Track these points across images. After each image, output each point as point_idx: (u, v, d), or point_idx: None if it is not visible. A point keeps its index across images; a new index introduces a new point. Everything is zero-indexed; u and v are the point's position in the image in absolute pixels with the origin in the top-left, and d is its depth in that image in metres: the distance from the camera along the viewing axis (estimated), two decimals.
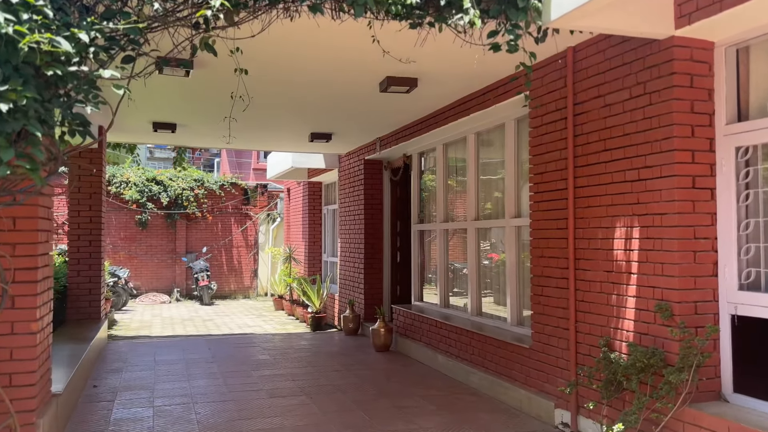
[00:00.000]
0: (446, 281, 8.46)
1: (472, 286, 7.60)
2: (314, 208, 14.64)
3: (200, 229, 19.31)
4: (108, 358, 8.55)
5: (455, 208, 8.32)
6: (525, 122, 6.60)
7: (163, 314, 14.95)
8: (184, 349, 9.20)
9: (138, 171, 19.04)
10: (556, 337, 5.50)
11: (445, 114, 7.58)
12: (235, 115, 6.87)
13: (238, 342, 10.02)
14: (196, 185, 19.06)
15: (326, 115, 8.13)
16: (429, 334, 8.10)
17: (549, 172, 5.61)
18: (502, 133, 7.05)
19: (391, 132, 9.38)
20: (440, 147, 8.54)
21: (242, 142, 10.61)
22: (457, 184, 8.34)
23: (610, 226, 4.84)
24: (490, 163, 7.51)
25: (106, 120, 8.84)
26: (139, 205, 18.44)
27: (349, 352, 9.02)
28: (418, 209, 9.45)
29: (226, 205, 19.44)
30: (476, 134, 7.65)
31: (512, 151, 6.80)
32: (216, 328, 12.46)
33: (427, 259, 9.32)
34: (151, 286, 18.80)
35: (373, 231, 10.61)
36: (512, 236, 6.77)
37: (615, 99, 4.80)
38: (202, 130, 9.20)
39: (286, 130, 9.24)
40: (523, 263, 6.69)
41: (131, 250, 18.63)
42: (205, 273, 17.58)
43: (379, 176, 10.74)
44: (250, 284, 19.68)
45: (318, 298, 11.87)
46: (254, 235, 19.73)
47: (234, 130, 9.44)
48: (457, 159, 8.29)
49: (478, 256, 7.63)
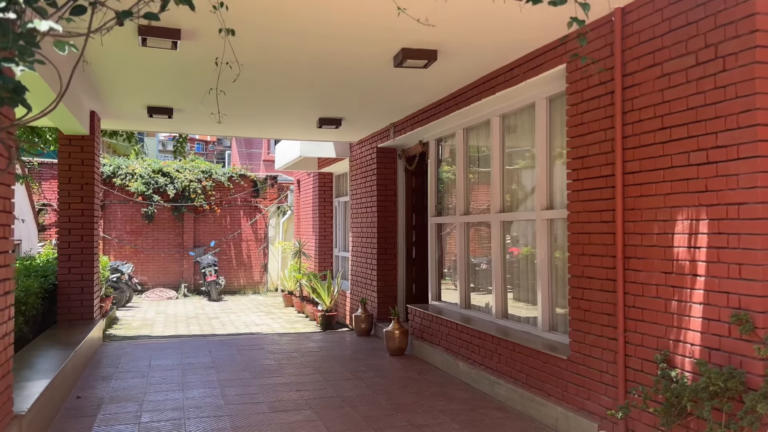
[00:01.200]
0: (467, 279, 7.70)
1: (497, 286, 6.84)
2: (325, 200, 13.92)
3: (208, 223, 18.69)
4: (100, 362, 7.89)
5: (477, 199, 7.55)
6: (559, 101, 5.82)
7: (167, 311, 14.33)
8: (183, 353, 8.52)
9: (144, 162, 18.43)
10: (599, 347, 4.73)
11: (467, 94, 6.80)
12: (226, 87, 6.12)
13: (242, 344, 9.33)
14: (204, 177, 18.42)
15: (335, 96, 7.38)
16: (449, 339, 7.35)
17: (591, 156, 4.82)
18: (532, 114, 6.27)
19: (406, 116, 8.61)
20: (460, 132, 7.76)
21: (246, 129, 9.90)
22: (479, 173, 7.57)
23: (669, 218, 4.06)
24: (517, 149, 6.73)
25: (98, 105, 8.15)
26: (145, 198, 17.85)
27: (360, 356, 8.30)
28: (436, 201, 8.68)
29: (234, 197, 18.80)
30: (501, 117, 6.86)
31: (543, 134, 6.01)
32: (221, 327, 11.80)
33: (445, 254, 8.57)
34: (157, 281, 18.22)
35: (387, 224, 9.87)
36: (544, 230, 5.99)
37: (676, 66, 4.00)
38: (200, 115, 8.49)
39: (292, 114, 8.51)
40: (556, 261, 5.92)
41: (137, 244, 18.05)
42: (213, 268, 16.95)
43: (393, 165, 9.98)
44: (259, 279, 19.04)
45: (328, 296, 11.16)
46: (264, 228, 19.07)
47: (237, 117, 8.74)
48: (480, 145, 7.51)
49: (503, 251, 6.86)
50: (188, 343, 9.47)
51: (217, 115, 6.19)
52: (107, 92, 7.39)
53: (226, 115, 6.29)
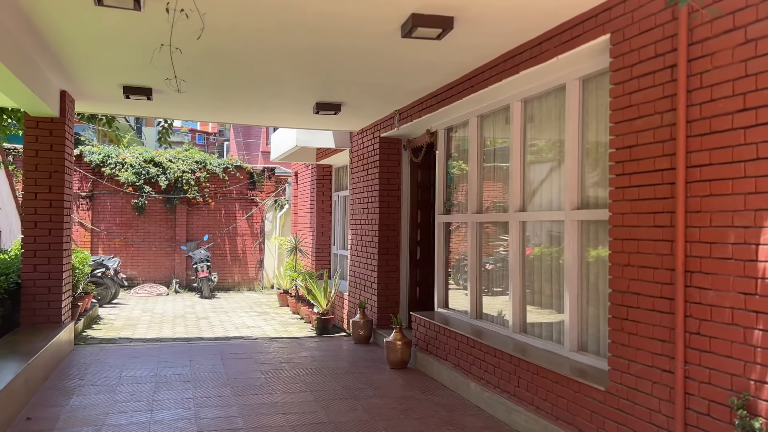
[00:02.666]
0: (478, 286, 6.83)
1: (515, 296, 5.96)
2: (323, 195, 13.04)
3: (202, 216, 17.83)
4: (66, 372, 7.03)
5: (492, 196, 6.67)
6: (595, 82, 4.94)
7: (155, 309, 13.49)
8: (160, 361, 7.66)
9: (135, 151, 17.55)
10: (649, 380, 3.86)
11: (485, 75, 5.91)
12: (211, 64, 5.23)
13: (228, 351, 8.47)
14: (198, 168, 17.56)
15: (333, 75, 6.49)
16: (458, 354, 6.48)
17: (643, 146, 3.93)
18: (561, 98, 5.38)
19: (413, 102, 7.72)
20: (474, 120, 6.88)
21: (237, 114, 9.01)
22: (494, 166, 6.68)
23: (750, 224, 3.18)
24: (540, 140, 5.84)
25: (68, 84, 7.27)
26: (135, 189, 17.00)
27: (358, 368, 7.43)
28: (444, 197, 7.80)
29: (230, 189, 17.93)
30: (523, 102, 5.98)
31: (575, 122, 5.13)
32: (209, 328, 10.95)
33: (454, 256, 7.69)
34: (148, 276, 17.38)
35: (390, 222, 8.99)
36: (573, 233, 5.11)
37: (765, 30, 3.12)
38: (182, 97, 7.60)
39: (286, 98, 7.62)
40: (588, 269, 5.04)
41: (127, 237, 17.21)
42: (206, 263, 16.10)
43: (397, 157, 9.09)
44: (255, 276, 18.19)
45: (325, 298, 10.29)
46: (260, 222, 18.21)
47: (226, 101, 7.87)
48: (496, 135, 6.62)
49: (521, 256, 5.98)
50: (169, 349, 8.61)
51: (174, 81, 5.24)
52: (75, 68, 6.51)
53: (185, 81, 5.36)
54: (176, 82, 5.25)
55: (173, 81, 5.27)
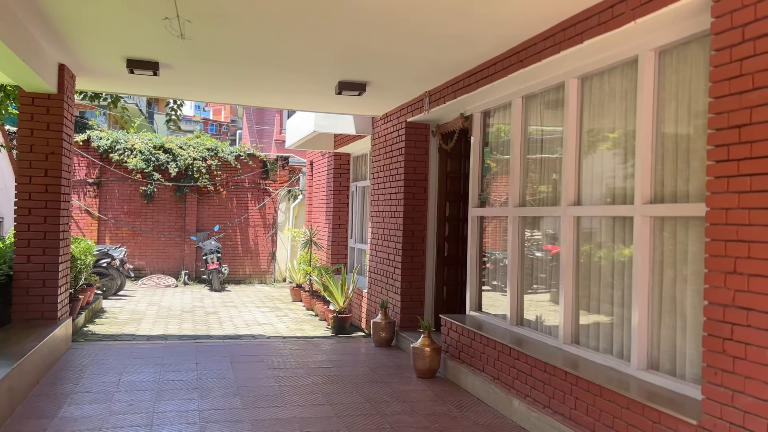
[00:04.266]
0: (520, 288, 6.07)
1: (566, 301, 5.21)
2: (340, 185, 12.30)
3: (213, 205, 17.15)
4: (60, 375, 6.36)
5: (539, 187, 5.90)
6: (675, 54, 4.16)
7: (162, 302, 12.83)
8: (164, 364, 6.97)
9: (144, 137, 16.88)
10: (761, 417, 3.10)
11: (537, 46, 5.14)
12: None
13: (238, 353, 7.78)
14: (210, 155, 16.86)
15: (359, 44, 5.74)
16: (497, 366, 5.73)
17: (758, 125, 3.16)
18: (629, 74, 4.61)
19: (446, 82, 6.95)
20: (518, 101, 6.10)
21: (252, 95, 8.27)
22: (543, 153, 5.91)
23: None
24: (602, 122, 5.06)
25: (67, 56, 6.57)
26: (144, 176, 16.33)
27: (381, 376, 6.70)
28: (480, 188, 7.04)
29: (242, 178, 17.24)
30: (580, 79, 5.20)
31: (650, 101, 4.35)
32: (218, 325, 10.27)
33: (489, 254, 6.93)
34: (156, 266, 16.74)
35: (415, 215, 8.24)
36: (646, 231, 4.34)
37: None
38: (194, 73, 6.88)
39: (306, 75, 6.88)
40: (662, 273, 4.28)
41: (135, 226, 16.57)
42: (216, 255, 15.42)
43: (425, 144, 8.33)
44: (267, 268, 17.51)
45: (342, 295, 9.58)
46: (273, 213, 17.51)
47: (243, 79, 7.14)
48: (545, 117, 5.85)
49: (575, 257, 5.22)
50: (175, 348, 7.93)
51: (176, 22, 4.40)
52: (74, 37, 5.79)
53: (189, 22, 4.55)
54: (178, 22, 4.45)
55: (174, 22, 4.46)
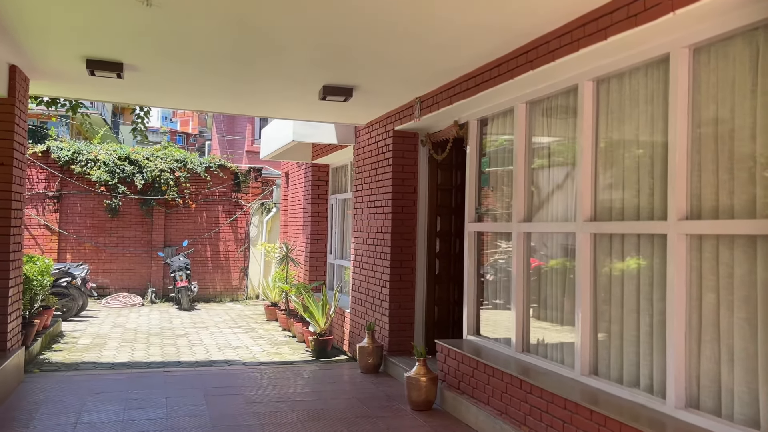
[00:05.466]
0: (526, 311, 5.53)
1: (584, 328, 4.68)
2: (319, 197, 11.68)
3: (181, 219, 16.35)
4: (7, 416, 5.59)
5: (547, 201, 5.38)
6: (713, 51, 3.68)
7: (128, 323, 12.01)
8: (129, 399, 6.25)
9: (108, 148, 16.03)
10: None
11: (551, 45, 4.63)
12: (200, 40, 3.88)
13: (213, 383, 7.08)
14: (178, 167, 16.08)
15: (347, 44, 5.17)
16: (505, 399, 5.17)
17: None
18: (654, 74, 4.13)
19: (439, 87, 6.42)
20: (521, 107, 5.59)
21: (228, 102, 7.61)
22: (551, 164, 5.39)
23: None
24: (622, 129, 4.56)
25: (18, 57, 5.87)
26: (108, 188, 15.48)
27: (372, 410, 6.08)
28: (477, 202, 6.50)
29: (212, 191, 16.48)
30: (596, 81, 4.71)
31: (684, 103, 3.87)
32: (189, 349, 9.54)
33: (487, 273, 6.39)
34: (121, 284, 15.85)
35: (404, 230, 7.66)
36: (681, 251, 3.84)
37: None
38: (163, 76, 6.23)
39: (288, 79, 6.27)
40: (700, 298, 3.78)
41: (99, 241, 15.68)
42: (185, 272, 14.62)
43: (414, 154, 7.78)
44: (239, 285, 16.74)
45: (323, 316, 8.93)
46: (245, 227, 16.78)
47: (215, 83, 6.52)
48: (553, 124, 5.34)
49: (592, 278, 4.70)
50: (141, 379, 7.19)
51: None
52: (24, 33, 5.11)
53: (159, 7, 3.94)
54: None
55: None
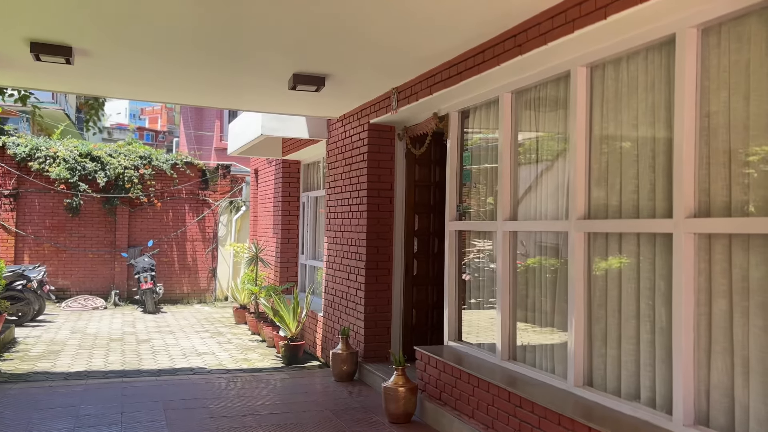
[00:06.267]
0: (512, 316, 5.15)
1: (577, 335, 4.31)
2: (290, 195, 11.18)
3: (146, 218, 15.71)
4: None
5: (536, 197, 5.00)
6: (725, 31, 3.32)
7: (88, 329, 11.38)
8: (81, 415, 5.72)
9: (69, 144, 15.30)
10: None
11: (541, 27, 4.24)
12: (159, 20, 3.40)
13: (174, 395, 6.58)
14: (142, 164, 15.43)
15: (320, 23, 4.73)
16: (491, 412, 4.78)
17: None
18: (657, 59, 3.78)
19: (419, 76, 6.00)
20: (507, 97, 5.21)
21: (193, 93, 7.08)
22: (538, 157, 5.01)
23: None
24: (618, 118, 4.19)
25: None
26: (69, 186, 14.76)
27: (347, 424, 5.64)
28: (458, 199, 6.11)
29: (179, 189, 15.86)
30: (590, 67, 4.34)
31: (692, 89, 3.51)
32: (151, 356, 8.99)
33: (470, 274, 6.00)
34: (82, 287, 15.15)
35: (380, 229, 7.24)
36: (689, 251, 3.48)
37: None
38: (118, 64, 5.70)
39: (256, 67, 5.79)
40: (709, 305, 3.42)
41: (59, 242, 14.96)
42: (150, 273, 13.99)
43: (390, 149, 7.36)
44: (207, 286, 16.15)
45: (294, 320, 8.47)
46: (213, 226, 16.19)
47: (177, 71, 6.01)
48: (541, 115, 4.96)
49: (587, 280, 4.33)
50: (97, 391, 6.65)
51: None
52: None
53: None
54: None
55: None
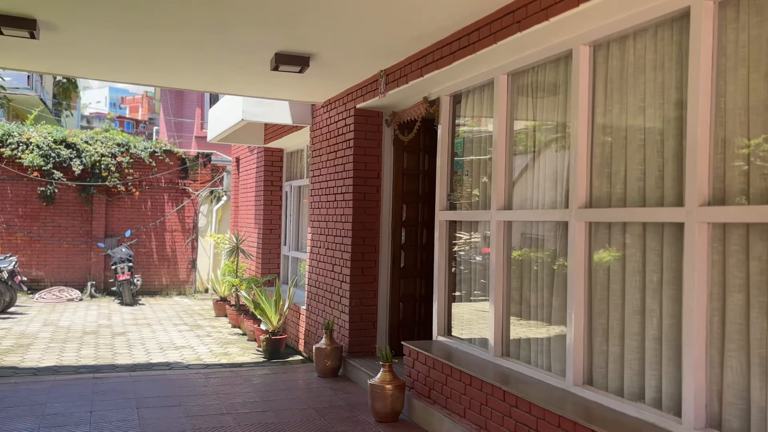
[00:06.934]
0: (506, 310, 4.89)
1: (577, 330, 4.05)
2: (272, 184, 10.84)
3: (124, 207, 15.26)
4: None
5: (532, 185, 4.73)
6: (742, 4, 3.07)
7: (61, 321, 10.98)
8: (46, 414, 5.37)
9: (43, 130, 14.78)
10: None
11: (542, 1, 3.96)
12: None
13: (149, 392, 6.24)
14: (120, 151, 14.96)
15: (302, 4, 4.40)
16: (485, 412, 4.52)
17: None
18: (666, 36, 3.51)
19: (409, 57, 5.69)
20: (502, 79, 4.92)
21: (168, 74, 6.72)
22: (535, 143, 4.74)
23: None
24: (625, 102, 3.92)
25: None
26: (43, 174, 14.27)
27: (331, 423, 5.36)
28: (449, 187, 5.82)
29: (158, 177, 15.43)
30: (593, 46, 4.07)
31: (707, 67, 3.25)
32: (127, 350, 8.63)
33: (459, 267, 5.73)
34: (57, 277, 14.69)
35: (367, 219, 6.94)
36: (703, 242, 3.23)
37: None
38: (87, 39, 5.32)
39: (235, 46, 5.45)
40: (722, 300, 3.18)
41: (32, 231, 14.47)
42: (127, 264, 13.58)
43: (377, 135, 7.05)
44: (186, 278, 15.75)
45: (276, 313, 8.16)
46: (193, 216, 15.79)
47: (151, 52, 5.65)
48: (539, 97, 4.68)
49: (587, 273, 4.08)
50: (66, 388, 6.30)
51: None
52: None
53: None
54: None
55: None
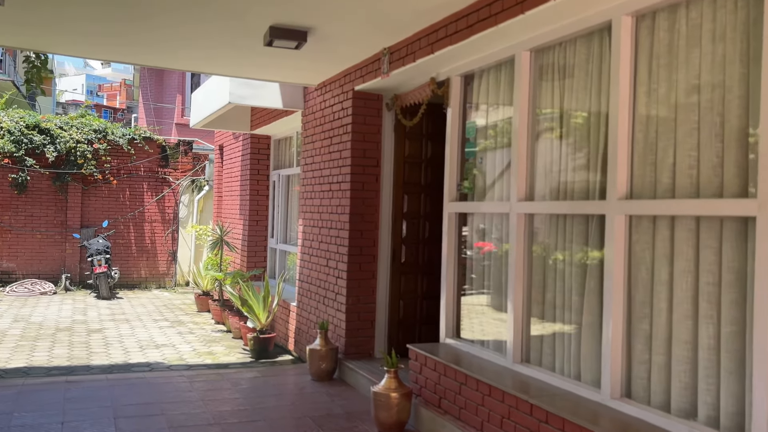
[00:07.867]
0: (526, 311, 4.42)
1: (615, 335, 3.59)
2: (259, 173, 10.27)
3: (101, 197, 14.57)
4: None
5: (559, 173, 4.25)
6: None
7: (33, 316, 10.34)
8: (10, 426, 4.81)
9: (14, 114, 14.03)
10: None
11: None
12: None
13: (128, 399, 5.69)
14: (97, 138, 14.26)
15: None
16: (506, 426, 4.04)
17: None
18: (728, 2, 3.04)
19: (417, 33, 5.17)
20: (524, 56, 4.43)
21: (148, 51, 6.12)
22: (563, 126, 4.26)
23: None
24: (675, 79, 3.45)
25: None
26: (14, 161, 13.55)
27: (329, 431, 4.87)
28: (459, 177, 5.33)
29: (136, 165, 14.75)
30: (635, 17, 3.60)
31: None
32: (103, 348, 8.06)
33: (470, 263, 5.25)
34: (30, 269, 14.00)
35: (365, 210, 6.43)
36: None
37: None
38: (58, 9, 4.73)
39: (226, 12, 4.89)
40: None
41: (3, 221, 13.78)
42: (104, 256, 12.94)
43: (377, 120, 6.53)
44: (166, 270, 15.13)
45: (265, 310, 7.63)
46: (174, 206, 15.14)
47: (130, 24, 5.06)
48: (568, 75, 4.19)
49: (627, 272, 3.62)
50: (34, 394, 5.73)
51: None
52: None
53: None
54: None
55: None
